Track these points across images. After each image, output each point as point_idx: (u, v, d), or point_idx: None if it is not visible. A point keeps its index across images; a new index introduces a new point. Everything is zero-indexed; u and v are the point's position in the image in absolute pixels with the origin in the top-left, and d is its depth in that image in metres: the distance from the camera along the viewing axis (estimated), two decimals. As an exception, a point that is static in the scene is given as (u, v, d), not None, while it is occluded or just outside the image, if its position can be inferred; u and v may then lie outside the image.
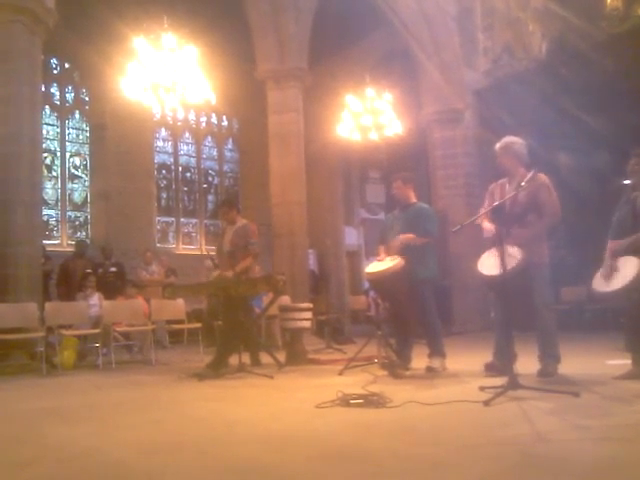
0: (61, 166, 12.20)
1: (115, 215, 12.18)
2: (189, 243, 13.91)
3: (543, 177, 4.68)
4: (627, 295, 4.47)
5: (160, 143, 13.73)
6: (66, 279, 9.14)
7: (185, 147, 14.27)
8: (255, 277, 6.17)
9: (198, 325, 8.17)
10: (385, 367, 5.25)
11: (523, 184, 4.36)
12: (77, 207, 12.43)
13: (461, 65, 11.89)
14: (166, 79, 7.30)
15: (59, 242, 11.90)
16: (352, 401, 3.80)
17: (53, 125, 12.15)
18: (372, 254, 9.97)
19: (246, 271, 5.97)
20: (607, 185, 9.82)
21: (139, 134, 12.62)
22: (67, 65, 12.51)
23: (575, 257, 10.65)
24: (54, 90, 12.27)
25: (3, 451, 3.06)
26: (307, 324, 7.13)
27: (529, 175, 4.39)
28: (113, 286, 8.95)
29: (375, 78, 10.16)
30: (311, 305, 7.45)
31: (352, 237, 16.18)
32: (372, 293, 8.08)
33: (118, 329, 7.46)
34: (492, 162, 5.20)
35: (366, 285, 11.71)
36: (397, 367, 5.17)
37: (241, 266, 5.90)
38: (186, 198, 14.10)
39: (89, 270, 8.76)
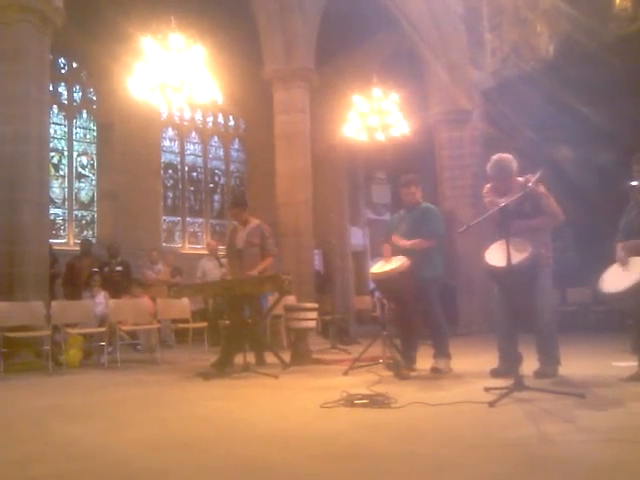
0: (68, 165, 12.24)
1: (122, 214, 12.20)
2: (195, 242, 13.94)
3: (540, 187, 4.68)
4: (634, 296, 4.44)
5: (167, 143, 13.75)
6: (72, 278, 9.16)
7: (192, 147, 14.30)
8: (261, 276, 6.20)
9: (204, 324, 8.20)
10: (390, 368, 5.23)
11: (530, 185, 4.35)
12: (84, 206, 12.47)
13: (468, 65, 11.85)
14: (173, 79, 7.31)
15: (66, 241, 11.94)
16: (357, 401, 3.80)
17: (61, 124, 12.19)
18: (377, 254, 9.95)
19: (267, 270, 6.29)
20: (614, 185, 9.77)
21: (146, 134, 12.65)
22: (75, 65, 12.55)
23: (581, 258, 10.60)
24: (62, 89, 12.30)
25: (8, 449, 3.07)
26: (312, 324, 7.13)
27: (536, 176, 4.38)
28: (119, 285, 8.96)
29: (382, 78, 10.13)
30: (316, 305, 7.45)
31: (358, 237, 16.17)
32: (377, 293, 8.07)
33: (124, 328, 7.49)
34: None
35: (371, 285, 11.67)
36: (402, 368, 5.16)
37: (263, 265, 6.22)
38: (192, 198, 14.14)
39: (95, 269, 8.78)
